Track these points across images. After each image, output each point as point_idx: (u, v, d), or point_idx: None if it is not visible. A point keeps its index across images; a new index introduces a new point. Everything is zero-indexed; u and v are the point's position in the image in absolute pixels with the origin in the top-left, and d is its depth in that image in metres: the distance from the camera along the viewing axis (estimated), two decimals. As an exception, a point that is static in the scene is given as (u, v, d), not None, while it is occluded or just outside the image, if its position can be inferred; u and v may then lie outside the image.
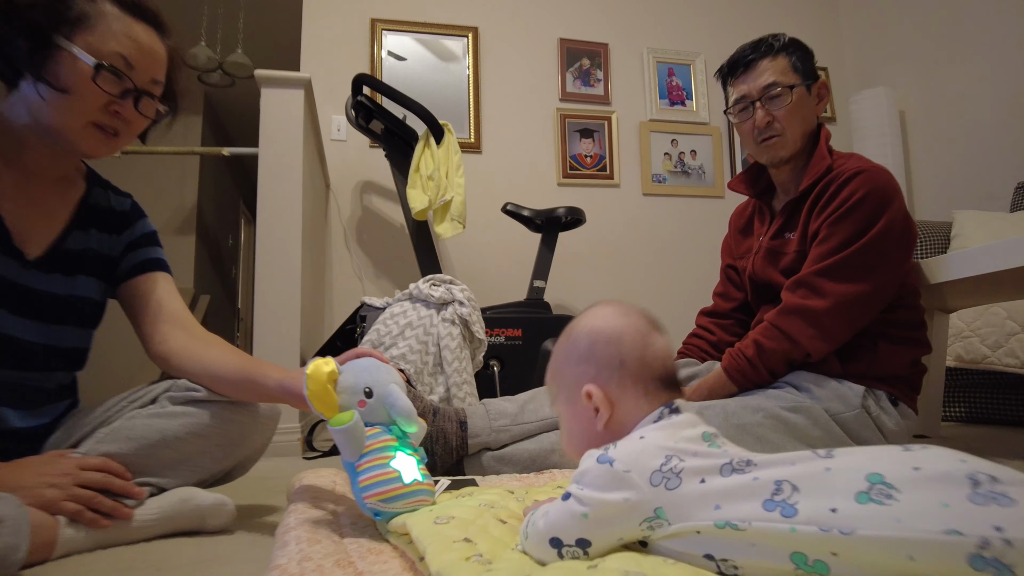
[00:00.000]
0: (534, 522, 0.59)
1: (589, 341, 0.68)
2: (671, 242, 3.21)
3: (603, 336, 0.68)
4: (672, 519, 0.53)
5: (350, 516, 0.85)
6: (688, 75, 3.39)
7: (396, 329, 1.73)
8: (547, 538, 0.57)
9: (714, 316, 1.58)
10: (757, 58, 1.39)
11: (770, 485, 0.50)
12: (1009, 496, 0.43)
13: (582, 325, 0.71)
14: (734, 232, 1.61)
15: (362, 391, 0.83)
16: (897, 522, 0.44)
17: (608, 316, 0.69)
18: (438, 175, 2.28)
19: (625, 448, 0.58)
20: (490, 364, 2.12)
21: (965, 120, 3.00)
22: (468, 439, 1.25)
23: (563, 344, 0.71)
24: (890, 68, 3.38)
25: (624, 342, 0.66)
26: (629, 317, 0.69)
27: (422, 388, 1.68)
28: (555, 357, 0.72)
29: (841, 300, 1.21)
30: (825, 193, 1.30)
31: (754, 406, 1.20)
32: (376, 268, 2.83)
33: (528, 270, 2.55)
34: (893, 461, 0.48)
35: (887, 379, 1.28)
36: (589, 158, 3.16)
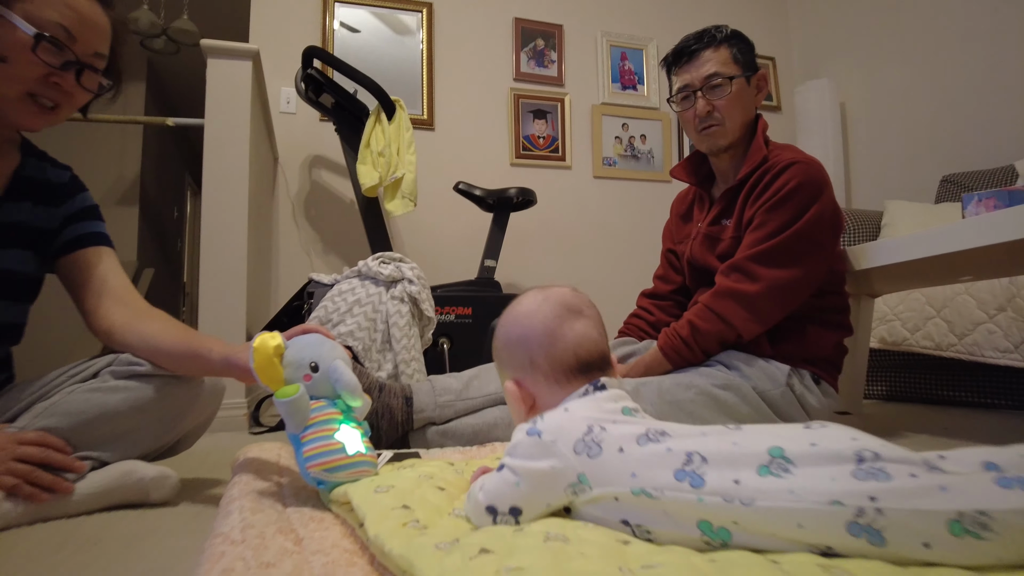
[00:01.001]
0: (474, 493, 0.63)
1: (503, 342, 0.75)
2: (620, 225, 3.27)
3: (512, 338, 0.73)
4: (594, 484, 0.58)
5: (293, 487, 0.87)
6: (640, 60, 3.44)
7: (344, 306, 1.74)
8: (484, 507, 0.61)
9: (654, 298, 1.65)
10: (700, 48, 1.43)
11: (681, 456, 0.55)
12: (887, 472, 0.48)
13: (501, 324, 0.76)
14: (675, 218, 1.66)
15: (308, 365, 0.85)
16: (790, 493, 0.49)
17: (519, 315, 0.74)
18: (389, 151, 2.27)
19: (551, 420, 0.63)
20: (440, 342, 2.15)
21: (900, 114, 3.14)
22: (413, 414, 1.28)
23: (495, 339, 0.77)
24: (834, 61, 3.49)
25: (530, 342, 0.71)
26: (539, 313, 0.72)
27: (370, 365, 1.70)
28: (494, 349, 0.78)
29: (773, 284, 1.28)
30: (760, 182, 1.36)
31: (687, 383, 1.26)
32: (325, 244, 2.81)
33: (479, 249, 2.57)
34: (794, 438, 0.54)
35: (812, 360, 1.36)
36: (542, 139, 3.19)
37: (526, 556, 0.45)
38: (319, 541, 0.65)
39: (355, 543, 0.65)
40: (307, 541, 0.65)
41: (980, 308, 1.92)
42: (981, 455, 0.52)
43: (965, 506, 0.44)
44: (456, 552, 0.48)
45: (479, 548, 0.47)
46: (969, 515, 0.44)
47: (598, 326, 0.74)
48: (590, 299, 0.77)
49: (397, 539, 0.55)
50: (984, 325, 1.91)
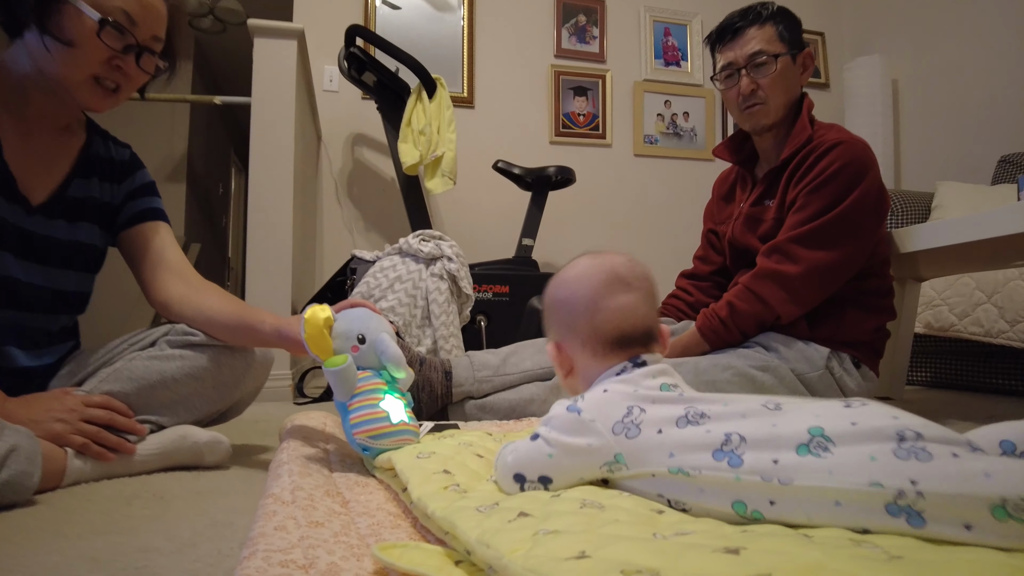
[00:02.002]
0: (503, 455, 0.65)
1: (550, 302, 0.75)
2: (660, 204, 3.24)
3: (558, 300, 0.74)
4: (630, 464, 0.59)
5: (339, 453, 0.92)
6: (684, 35, 3.37)
7: (386, 282, 1.78)
8: (512, 473, 0.63)
9: (693, 278, 1.64)
10: (745, 26, 1.41)
11: (720, 436, 0.55)
12: (928, 451, 0.48)
13: (552, 284, 0.76)
14: (716, 198, 1.65)
15: (355, 337, 0.89)
16: (829, 473, 0.49)
17: (569, 278, 0.74)
18: (429, 130, 2.30)
19: (591, 399, 0.64)
20: (477, 319, 2.18)
21: (955, 92, 3.03)
22: (452, 388, 1.31)
23: (544, 297, 0.78)
24: (885, 36, 3.37)
25: (574, 307, 0.72)
26: (587, 279, 0.72)
27: (410, 340, 1.74)
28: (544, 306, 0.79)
29: (813, 267, 1.26)
30: (804, 163, 1.34)
31: (724, 364, 1.27)
32: (366, 222, 2.86)
33: (517, 228, 2.59)
34: (834, 416, 0.54)
35: (852, 343, 1.34)
36: (582, 116, 3.17)
37: (562, 520, 0.48)
38: (364, 504, 0.68)
39: (398, 507, 0.68)
40: (353, 504, 0.68)
41: (1033, 294, 1.86)
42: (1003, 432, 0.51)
43: (1010, 492, 0.43)
44: (496, 515, 0.50)
45: (518, 511, 0.50)
46: (1013, 501, 0.43)
47: (648, 300, 0.72)
48: (646, 270, 0.75)
49: (439, 502, 0.58)
50: (1036, 311, 1.85)
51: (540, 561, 0.40)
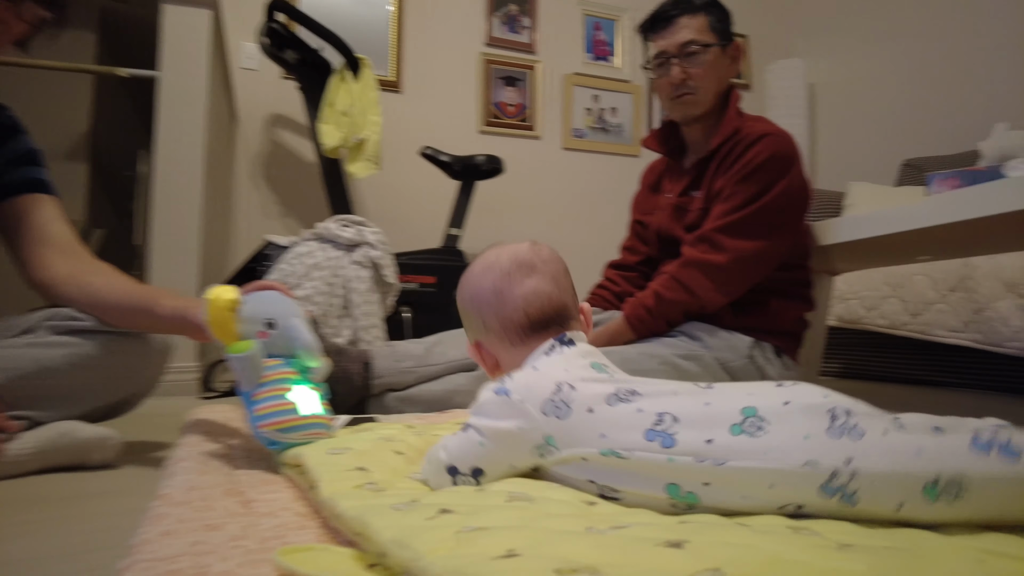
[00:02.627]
0: (436, 452, 0.62)
1: (461, 303, 0.75)
2: (588, 197, 3.25)
3: (466, 300, 0.73)
4: (561, 446, 0.56)
5: (245, 449, 0.84)
6: (613, 30, 3.39)
7: (302, 269, 1.69)
8: (445, 467, 0.59)
9: (620, 268, 1.63)
10: (677, 15, 1.41)
11: (652, 416, 0.53)
12: (860, 428, 0.48)
13: (460, 285, 0.75)
14: (644, 188, 1.65)
15: (264, 322, 0.82)
16: (764, 454, 0.48)
17: (471, 276, 0.73)
18: (353, 112, 2.20)
19: (520, 379, 0.61)
20: (401, 311, 2.11)
21: (867, 98, 3.17)
22: (372, 379, 1.25)
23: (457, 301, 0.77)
24: (806, 41, 3.50)
25: (481, 304, 0.71)
26: (488, 273, 0.71)
27: (328, 331, 1.66)
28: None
29: (738, 256, 1.27)
30: (731, 153, 1.35)
31: (650, 353, 1.26)
32: (284, 206, 2.72)
33: (444, 217, 2.52)
34: (767, 395, 0.53)
35: (774, 332, 1.36)
36: (512, 107, 3.13)
37: (488, 516, 0.43)
38: (269, 503, 0.62)
39: (307, 506, 0.62)
40: (256, 504, 0.62)
41: (933, 288, 1.96)
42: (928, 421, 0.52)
43: (942, 470, 0.44)
44: (415, 512, 0.45)
45: (439, 508, 0.45)
46: (946, 479, 0.43)
47: (554, 280, 0.70)
48: (552, 251, 0.74)
49: (351, 500, 0.52)
50: (936, 305, 1.95)
51: (465, 562, 0.35)
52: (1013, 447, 0.44)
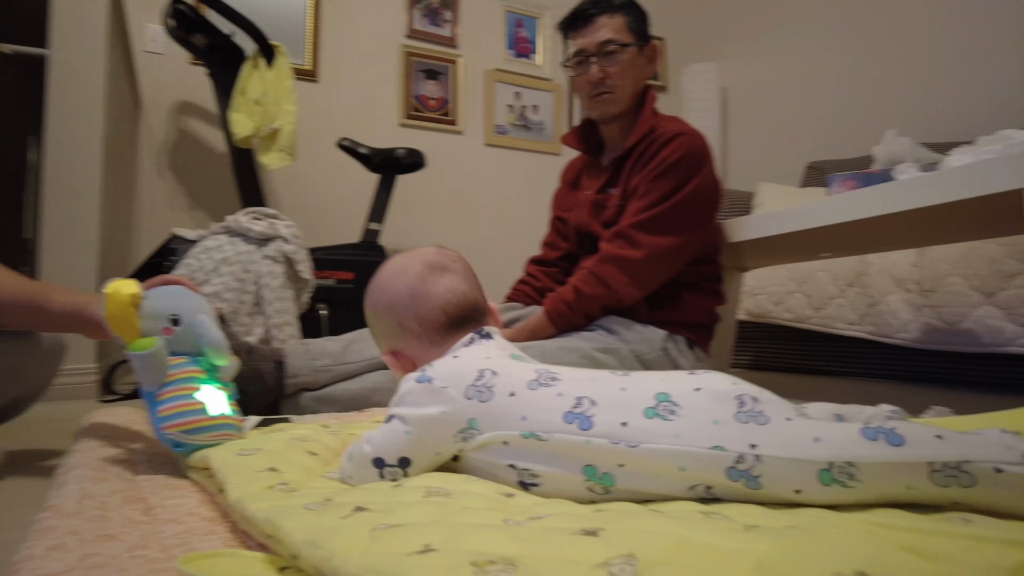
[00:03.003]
0: (359, 447, 0.60)
1: (372, 312, 0.74)
2: (511, 193, 3.26)
3: (380, 306, 0.72)
4: (483, 429, 0.57)
5: (148, 454, 0.79)
6: (535, 28, 3.42)
7: (210, 264, 1.61)
8: (371, 460, 0.59)
9: (541, 264, 1.65)
10: (596, 13, 1.43)
11: (571, 399, 0.55)
12: (765, 415, 0.51)
13: (368, 293, 0.74)
14: (564, 185, 1.67)
15: (168, 318, 0.77)
16: (676, 437, 0.50)
17: (382, 282, 0.73)
18: (266, 100, 2.12)
19: (442, 366, 0.62)
20: (317, 307, 2.05)
21: (775, 102, 3.33)
22: (286, 379, 1.21)
23: (365, 312, 0.75)
24: (720, 46, 3.64)
25: (397, 307, 0.70)
26: (401, 276, 0.71)
27: (239, 329, 1.59)
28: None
29: (653, 251, 1.31)
30: (647, 152, 1.38)
31: (570, 347, 1.28)
32: (192, 198, 2.59)
33: (363, 211, 2.47)
34: (679, 382, 0.56)
35: (687, 325, 1.41)
36: (433, 100, 3.10)
37: (405, 512, 0.42)
38: (173, 510, 0.58)
39: (215, 510, 0.59)
40: (159, 510, 0.58)
41: (833, 284, 2.09)
42: (830, 409, 0.58)
43: (835, 456, 0.46)
44: (328, 512, 0.44)
45: (354, 507, 0.44)
46: (838, 465, 0.46)
47: (467, 279, 0.73)
48: (458, 254, 0.76)
49: (262, 502, 0.50)
50: (836, 299, 2.08)
51: (379, 559, 0.35)
52: (898, 434, 0.47)
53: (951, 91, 2.53)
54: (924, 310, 1.79)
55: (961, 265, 1.71)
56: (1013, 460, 0.44)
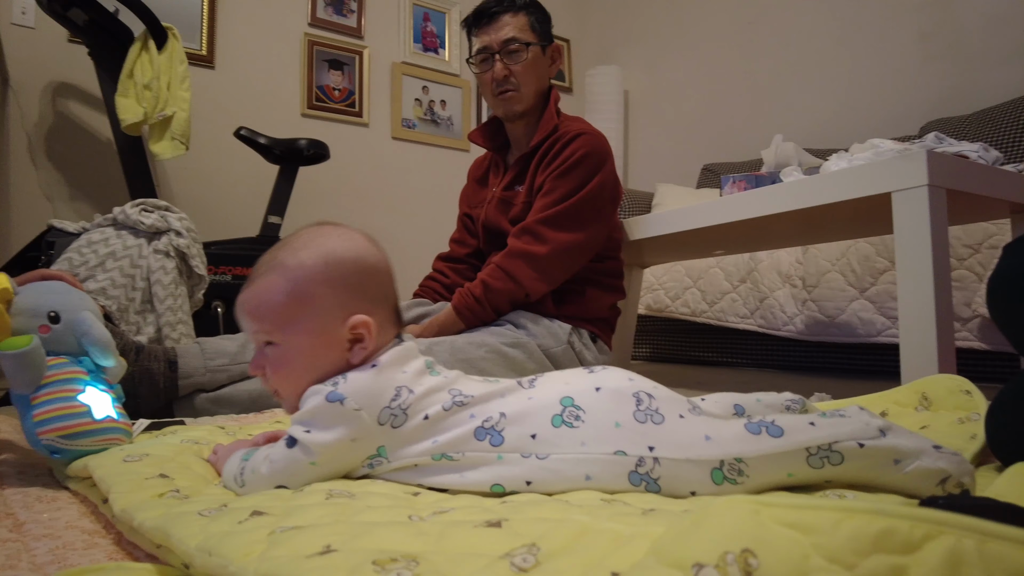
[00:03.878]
0: (254, 468, 0.55)
1: (358, 268, 0.61)
2: (418, 188, 3.23)
3: (370, 266, 0.63)
4: (392, 457, 0.55)
5: (19, 465, 0.73)
6: (443, 23, 3.39)
7: (95, 259, 1.50)
8: (272, 487, 0.54)
9: (449, 261, 1.65)
10: (500, 12, 1.44)
11: (481, 418, 0.55)
12: (661, 413, 0.54)
13: (344, 246, 0.62)
14: (471, 182, 1.67)
15: (45, 314, 0.71)
16: (582, 445, 0.52)
17: (365, 243, 0.64)
18: (158, 85, 1.99)
19: (357, 383, 0.56)
20: (213, 305, 1.95)
21: (673, 105, 3.47)
22: (179, 379, 1.14)
23: (311, 264, 0.60)
24: (622, 49, 3.75)
25: (387, 276, 0.65)
26: (379, 246, 0.66)
27: (127, 328, 1.49)
28: (291, 275, 0.60)
29: (559, 247, 1.34)
30: (551, 150, 1.41)
31: (479, 342, 1.28)
32: (72, 188, 2.40)
33: (263, 204, 2.37)
34: (580, 383, 0.58)
35: (591, 319, 1.45)
36: (338, 91, 3.02)
37: (305, 515, 0.41)
38: (47, 524, 0.54)
39: (97, 522, 0.55)
40: (30, 525, 0.54)
41: (727, 279, 2.21)
42: (730, 399, 0.61)
43: (725, 454, 0.49)
44: (224, 517, 0.42)
45: (251, 511, 0.42)
46: (728, 462, 0.49)
47: None
48: None
49: (151, 511, 0.47)
50: (729, 295, 2.20)
51: (277, 563, 0.34)
52: (778, 426, 0.51)
53: (834, 100, 2.73)
54: (808, 304, 1.92)
55: (839, 262, 1.85)
56: (870, 436, 0.49)
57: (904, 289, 1.03)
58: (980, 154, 1.18)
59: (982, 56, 2.30)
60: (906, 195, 1.02)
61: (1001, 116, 2.04)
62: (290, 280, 0.59)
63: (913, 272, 1.02)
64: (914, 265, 1.01)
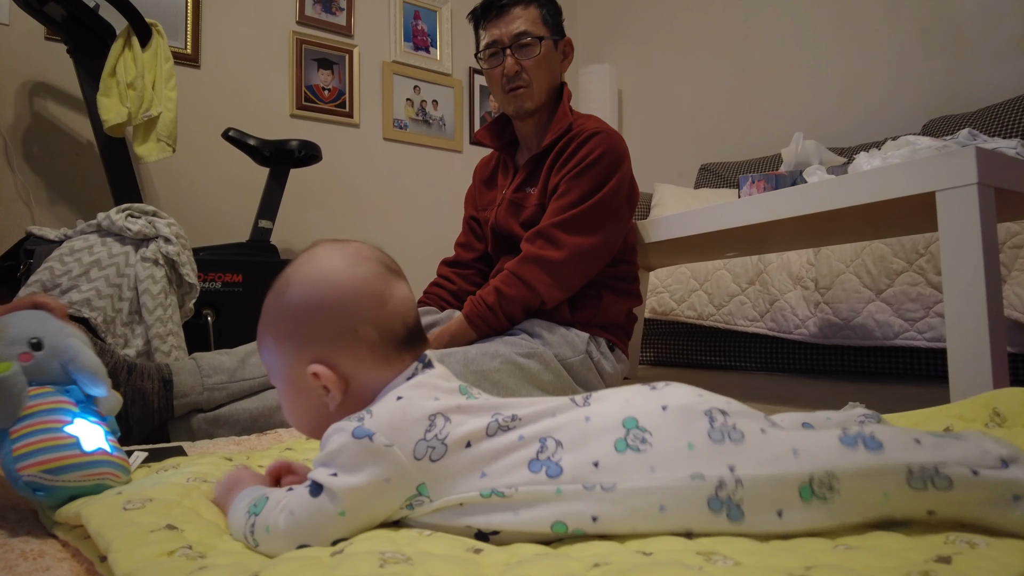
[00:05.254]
0: (270, 524, 0.47)
1: (310, 306, 0.55)
2: (413, 191, 3.14)
3: (328, 299, 0.55)
4: (434, 495, 0.48)
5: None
6: (434, 21, 3.31)
7: (78, 268, 1.40)
8: (294, 545, 0.46)
9: (455, 266, 1.57)
10: (510, 4, 1.37)
11: (535, 443, 0.49)
12: (739, 429, 0.47)
13: (300, 282, 0.56)
14: (478, 183, 1.60)
15: (26, 341, 0.63)
16: (652, 471, 0.46)
17: (333, 271, 0.56)
18: (141, 84, 1.89)
19: (385, 416, 0.50)
20: (203, 313, 1.86)
21: (668, 104, 3.42)
22: (174, 399, 1.05)
23: (274, 306, 0.57)
24: (615, 47, 3.69)
25: (356, 306, 0.54)
26: (361, 267, 0.56)
27: (114, 341, 1.40)
28: (264, 322, 0.58)
29: (575, 251, 1.27)
30: (566, 150, 1.34)
31: (492, 353, 1.21)
32: (52, 192, 2.28)
33: (253, 208, 2.28)
34: (643, 402, 0.51)
35: (608, 327, 1.39)
36: (327, 91, 2.93)
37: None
38: (35, 587, 0.46)
39: (94, 582, 0.47)
40: (15, 587, 0.46)
41: (735, 282, 2.15)
42: (798, 418, 0.55)
43: (816, 468, 0.44)
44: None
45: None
46: (819, 477, 0.44)
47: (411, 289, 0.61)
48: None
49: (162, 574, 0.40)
50: (737, 297, 2.14)
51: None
52: (876, 439, 0.45)
53: (832, 97, 2.68)
54: (821, 306, 1.87)
55: (854, 263, 1.80)
56: (988, 464, 0.43)
57: (952, 293, 0.97)
58: (1018, 150, 1.12)
59: (981, 51, 2.26)
60: (953, 194, 0.97)
61: (1005, 113, 2.01)
62: (259, 329, 0.59)
63: (962, 275, 0.96)
64: (963, 268, 0.96)
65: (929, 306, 1.65)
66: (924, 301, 1.66)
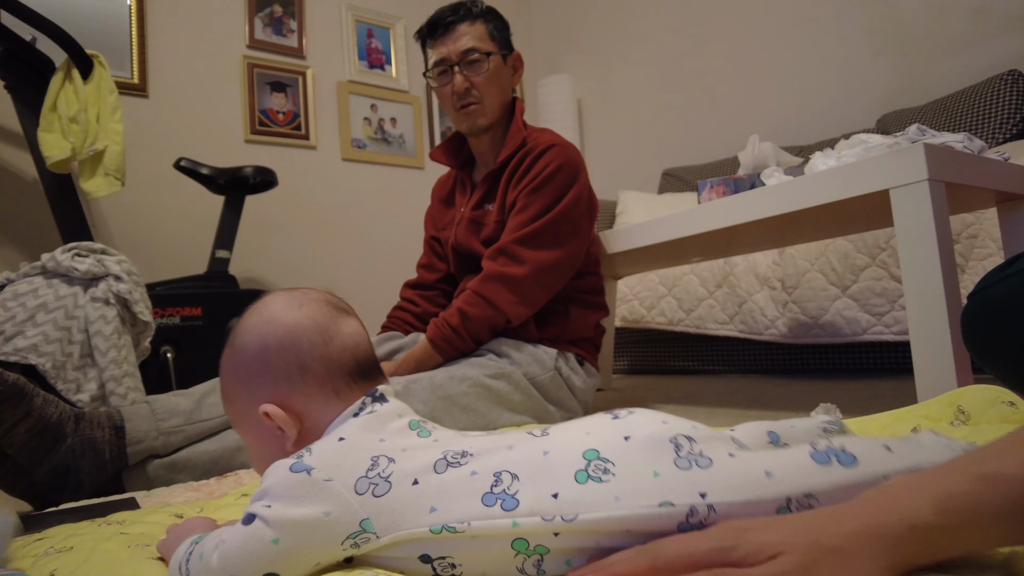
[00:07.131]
0: (204, 556, 0.46)
1: (258, 350, 0.57)
2: (375, 212, 3.11)
3: (274, 341, 0.56)
4: (381, 531, 0.46)
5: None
6: (388, 39, 3.29)
7: (23, 313, 1.34)
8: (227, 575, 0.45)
9: (418, 288, 1.54)
10: (456, 21, 1.36)
11: (489, 477, 0.46)
12: (706, 455, 0.45)
13: (247, 330, 0.58)
14: (437, 203, 1.58)
15: None
16: (616, 500, 0.43)
17: (277, 313, 0.58)
18: (85, 117, 1.83)
19: (323, 452, 0.49)
20: (162, 351, 1.80)
21: (628, 112, 3.44)
22: (127, 446, 1.01)
23: (229, 358, 0.59)
24: (573, 58, 3.71)
25: (301, 343, 0.56)
26: (304, 308, 0.58)
27: (66, 388, 1.34)
28: (222, 375, 0.60)
29: (538, 266, 1.25)
30: (521, 165, 1.33)
31: (460, 376, 1.18)
32: (-5, 234, 2.21)
33: (209, 238, 2.23)
34: (605, 432, 0.48)
35: (576, 341, 1.37)
36: (282, 114, 2.88)
37: None
38: None
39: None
40: None
41: (703, 286, 2.16)
42: (762, 427, 0.53)
43: (792, 491, 0.42)
44: None
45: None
46: (796, 499, 0.42)
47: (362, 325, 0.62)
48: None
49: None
50: (706, 301, 2.14)
51: None
52: (849, 453, 0.44)
53: (788, 97, 2.72)
54: (789, 306, 1.88)
55: (819, 261, 1.82)
56: None
57: (912, 287, 0.97)
58: (965, 144, 1.14)
59: (929, 47, 2.31)
60: (906, 191, 0.97)
61: (954, 105, 2.05)
62: (219, 384, 0.61)
63: (919, 269, 0.96)
64: (920, 261, 0.96)
65: (894, 300, 1.67)
66: (889, 295, 1.68)
